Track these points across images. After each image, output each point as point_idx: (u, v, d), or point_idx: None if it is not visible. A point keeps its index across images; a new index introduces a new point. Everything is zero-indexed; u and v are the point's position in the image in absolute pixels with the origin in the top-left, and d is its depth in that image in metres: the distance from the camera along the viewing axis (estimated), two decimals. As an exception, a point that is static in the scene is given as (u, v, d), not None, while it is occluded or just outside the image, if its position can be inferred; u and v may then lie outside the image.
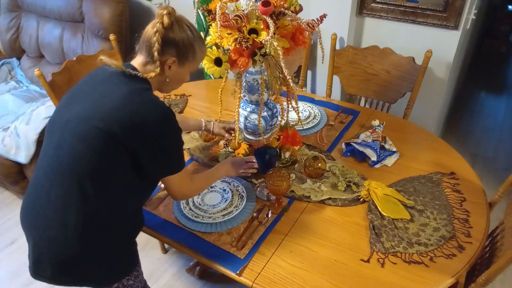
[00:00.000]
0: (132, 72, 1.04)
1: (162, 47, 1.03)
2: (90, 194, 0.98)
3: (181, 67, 1.09)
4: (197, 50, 1.09)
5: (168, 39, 1.03)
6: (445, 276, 1.07)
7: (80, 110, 1.00)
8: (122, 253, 1.11)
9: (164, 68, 1.07)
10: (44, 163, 1.04)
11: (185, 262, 2.06)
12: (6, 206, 2.46)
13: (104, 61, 1.04)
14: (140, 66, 1.08)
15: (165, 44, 1.03)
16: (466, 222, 1.23)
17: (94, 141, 0.96)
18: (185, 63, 1.09)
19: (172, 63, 1.07)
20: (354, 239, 1.20)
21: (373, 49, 1.94)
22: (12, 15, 2.75)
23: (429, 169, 1.45)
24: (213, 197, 1.36)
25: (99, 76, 1.06)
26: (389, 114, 1.86)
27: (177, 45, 1.05)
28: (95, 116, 0.97)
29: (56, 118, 1.06)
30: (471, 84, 3.62)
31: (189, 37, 1.06)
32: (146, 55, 1.06)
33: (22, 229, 1.09)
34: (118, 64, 1.04)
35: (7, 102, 2.50)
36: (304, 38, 1.26)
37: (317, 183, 1.39)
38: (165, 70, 1.07)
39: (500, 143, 2.90)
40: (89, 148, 0.96)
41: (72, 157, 0.98)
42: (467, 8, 1.79)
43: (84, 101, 1.01)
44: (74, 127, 0.98)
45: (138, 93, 1.01)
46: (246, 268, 1.13)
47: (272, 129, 1.47)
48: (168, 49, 1.04)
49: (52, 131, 1.05)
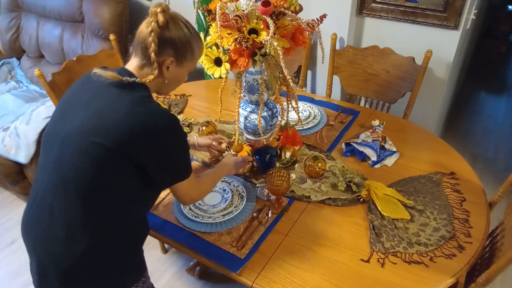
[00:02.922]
0: (130, 79, 0.99)
1: (159, 48, 0.98)
2: (95, 207, 0.96)
3: (179, 67, 1.05)
4: (195, 48, 1.05)
5: (164, 38, 0.98)
6: (445, 276, 1.07)
7: (79, 123, 0.95)
8: (130, 262, 1.09)
9: (162, 69, 1.02)
10: (44, 178, 1.00)
11: (185, 262, 2.06)
12: (6, 206, 2.46)
13: (99, 74, 0.98)
14: (136, 69, 1.03)
15: (161, 44, 0.98)
16: (466, 222, 1.23)
17: (98, 156, 0.92)
18: (184, 62, 1.05)
19: (170, 63, 1.02)
20: (354, 239, 1.20)
21: (373, 49, 1.94)
22: (12, 15, 2.75)
23: (429, 169, 1.45)
24: (213, 197, 1.36)
25: (94, 85, 1.00)
26: (389, 114, 1.86)
27: (175, 44, 1.00)
28: (97, 131, 0.92)
29: (54, 131, 1.01)
30: (471, 84, 3.62)
31: (186, 35, 1.01)
32: (142, 57, 1.01)
33: (24, 244, 1.07)
34: (114, 75, 0.98)
35: (7, 102, 2.50)
36: (304, 38, 1.26)
37: (317, 183, 1.39)
38: (163, 71, 1.03)
39: (500, 143, 2.90)
40: (93, 164, 0.92)
41: (75, 173, 0.93)
42: (467, 8, 1.79)
43: (82, 114, 0.96)
44: (75, 142, 0.94)
45: (140, 102, 0.97)
46: (246, 268, 1.13)
47: (272, 129, 1.47)
48: (165, 49, 0.99)
49: (50, 145, 1.00)
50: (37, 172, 1.04)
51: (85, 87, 1.03)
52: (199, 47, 1.07)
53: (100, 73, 0.98)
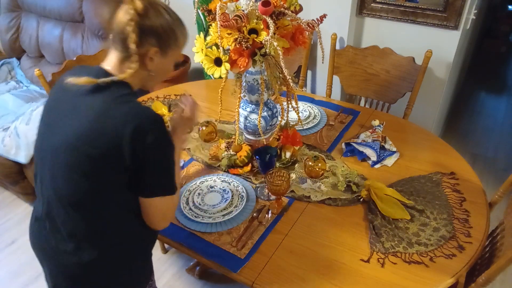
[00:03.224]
0: (106, 80, 0.89)
1: (140, 38, 0.88)
2: (95, 219, 0.94)
3: (164, 57, 0.95)
4: (179, 35, 0.95)
5: (145, 27, 0.88)
6: (445, 276, 1.07)
7: (64, 138, 0.90)
8: (139, 268, 1.08)
9: (145, 61, 0.93)
10: (44, 192, 0.97)
11: (185, 262, 2.06)
12: (6, 206, 2.46)
13: (72, 82, 0.89)
14: (116, 65, 0.94)
15: (142, 33, 0.88)
16: (466, 222, 1.23)
17: (87, 169, 0.88)
18: (168, 51, 0.95)
19: (154, 54, 0.93)
20: (354, 239, 1.20)
21: (373, 49, 1.94)
22: (12, 15, 2.75)
23: (429, 169, 1.45)
24: (213, 197, 1.36)
25: (70, 94, 0.93)
26: (389, 114, 1.86)
27: (157, 33, 0.90)
28: (81, 143, 0.87)
29: (42, 146, 0.97)
30: (471, 84, 3.62)
31: (169, 22, 0.92)
32: (122, 49, 0.91)
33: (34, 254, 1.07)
34: (88, 80, 0.89)
35: (7, 102, 2.50)
36: (304, 38, 1.26)
37: (317, 183, 1.39)
38: (146, 63, 0.93)
39: (500, 143, 2.90)
40: (83, 177, 0.88)
41: (68, 187, 0.91)
42: (467, 8, 1.79)
43: (65, 127, 0.90)
44: (63, 157, 0.89)
45: (115, 104, 0.88)
46: (246, 268, 1.13)
47: (272, 129, 1.47)
48: (146, 39, 0.90)
49: (42, 160, 0.96)
50: (36, 185, 1.02)
51: (63, 97, 0.96)
52: (183, 33, 0.98)
53: (73, 82, 0.89)
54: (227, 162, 1.45)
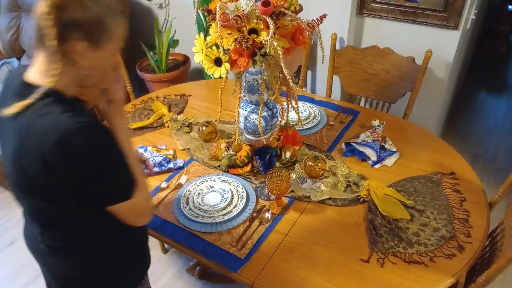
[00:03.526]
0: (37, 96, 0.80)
1: (61, 33, 0.77)
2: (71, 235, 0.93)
3: (98, 50, 0.83)
4: (110, 25, 0.83)
5: (64, 20, 0.77)
6: (445, 276, 1.07)
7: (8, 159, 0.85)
8: (127, 269, 1.08)
9: (74, 58, 0.82)
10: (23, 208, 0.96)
11: (185, 262, 2.06)
12: (6, 206, 2.46)
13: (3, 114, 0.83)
14: (43, 70, 0.83)
15: (63, 27, 0.77)
16: (466, 222, 1.23)
17: (32, 190, 0.84)
18: (101, 44, 0.83)
19: (85, 49, 0.81)
20: (354, 239, 1.20)
21: (373, 49, 1.94)
22: (12, 15, 2.75)
23: (429, 169, 1.45)
24: (213, 197, 1.36)
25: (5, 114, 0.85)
26: (389, 114, 1.86)
27: (81, 26, 0.79)
28: (17, 166, 0.82)
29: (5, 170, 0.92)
30: (471, 84, 3.62)
31: (94, 12, 0.79)
32: (44, 49, 0.81)
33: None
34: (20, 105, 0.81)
35: (7, 102, 2.50)
36: (304, 38, 1.26)
37: (317, 183, 1.39)
38: (76, 60, 0.82)
39: (500, 143, 2.90)
40: (41, 202, 0.86)
41: (33, 210, 0.91)
42: (467, 8, 1.79)
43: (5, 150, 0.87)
44: (13, 178, 0.86)
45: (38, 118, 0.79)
46: (246, 268, 1.13)
47: (272, 129, 1.47)
48: (70, 33, 0.78)
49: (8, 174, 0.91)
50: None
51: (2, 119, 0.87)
52: (116, 22, 0.85)
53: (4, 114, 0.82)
54: (227, 162, 1.45)
